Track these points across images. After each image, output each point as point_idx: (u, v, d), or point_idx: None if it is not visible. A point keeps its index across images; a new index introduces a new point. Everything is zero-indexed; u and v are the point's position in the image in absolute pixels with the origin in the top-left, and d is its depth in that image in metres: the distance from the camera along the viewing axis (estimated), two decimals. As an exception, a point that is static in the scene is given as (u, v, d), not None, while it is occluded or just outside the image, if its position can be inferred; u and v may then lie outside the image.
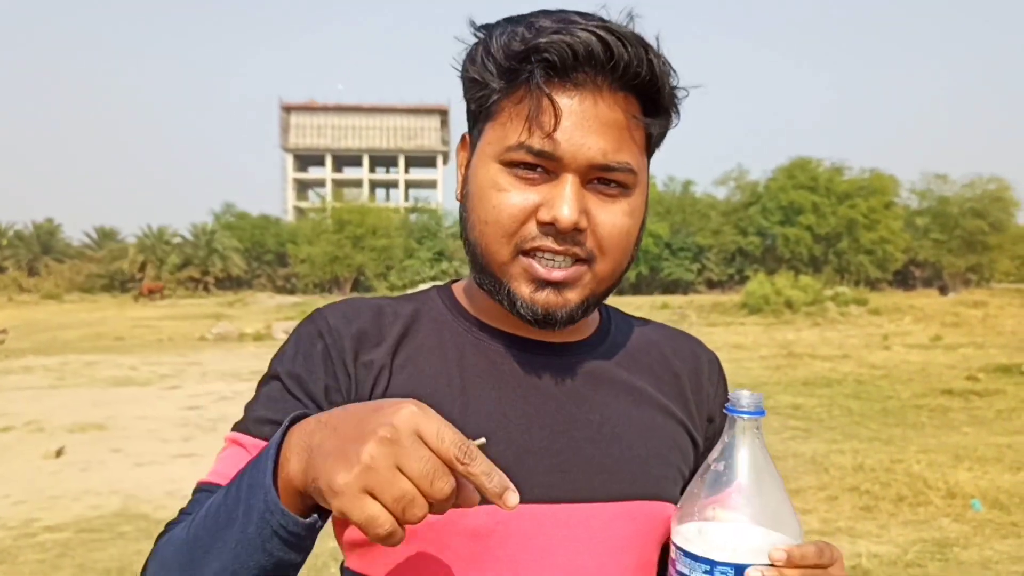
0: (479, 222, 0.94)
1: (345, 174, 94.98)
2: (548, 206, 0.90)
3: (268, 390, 0.97)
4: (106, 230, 73.23)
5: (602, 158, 0.89)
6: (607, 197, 0.93)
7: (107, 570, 5.15)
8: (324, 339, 0.97)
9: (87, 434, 9.52)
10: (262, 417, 0.94)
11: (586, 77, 0.88)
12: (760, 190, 56.65)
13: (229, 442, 0.95)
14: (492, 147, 0.93)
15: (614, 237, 0.93)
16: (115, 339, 22.77)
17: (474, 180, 0.95)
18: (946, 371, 14.39)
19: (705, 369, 1.13)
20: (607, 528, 0.95)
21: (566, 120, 0.88)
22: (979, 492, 6.52)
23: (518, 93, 0.90)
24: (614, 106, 0.90)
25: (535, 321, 0.94)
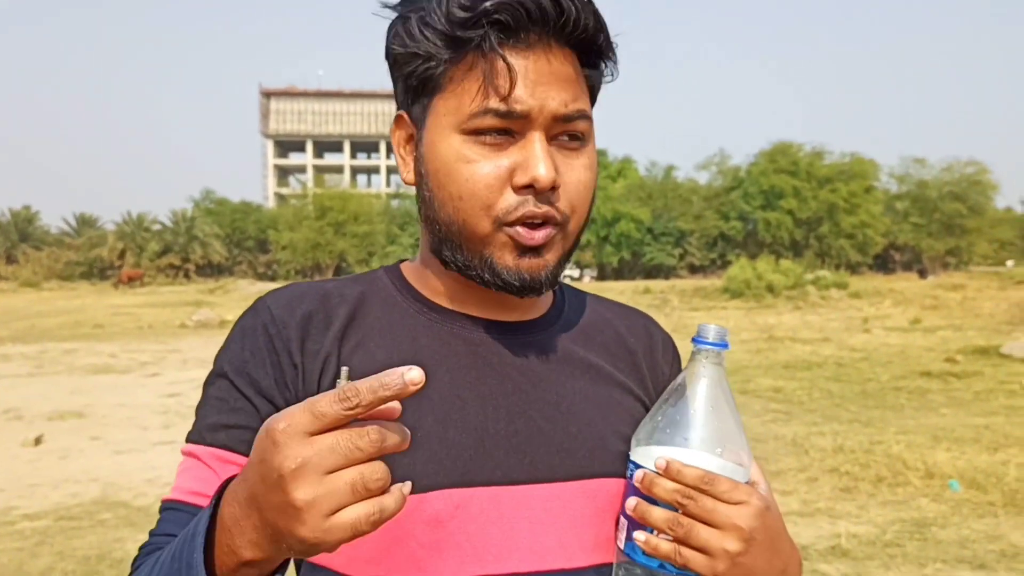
0: (451, 199, 0.90)
1: (326, 160, 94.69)
2: (523, 168, 0.87)
3: (216, 390, 0.93)
4: (85, 217, 72.71)
5: (564, 108, 0.88)
6: (570, 151, 0.91)
7: (86, 557, 5.12)
8: (268, 330, 0.93)
9: (66, 422, 9.45)
10: (215, 423, 0.91)
11: (537, 36, 0.87)
12: (742, 175, 56.91)
13: (185, 455, 0.92)
14: (450, 118, 0.89)
15: (581, 193, 0.92)
16: (94, 327, 22.62)
17: (435, 157, 0.91)
18: (925, 353, 14.52)
19: (659, 347, 1.12)
20: (567, 507, 0.93)
21: (525, 79, 0.86)
22: (957, 472, 6.58)
23: (467, 60, 0.87)
24: (564, 61, 0.89)
25: (522, 288, 0.92)
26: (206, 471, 0.89)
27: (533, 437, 0.94)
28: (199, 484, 0.88)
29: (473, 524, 0.89)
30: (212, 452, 0.89)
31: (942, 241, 55.06)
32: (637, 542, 0.84)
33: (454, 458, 0.90)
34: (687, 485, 0.82)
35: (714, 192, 57.70)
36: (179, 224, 62.15)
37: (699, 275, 54.70)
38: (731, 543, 0.81)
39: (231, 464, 0.88)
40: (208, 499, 0.85)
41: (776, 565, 0.85)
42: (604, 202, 54.74)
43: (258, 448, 0.66)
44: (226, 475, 0.85)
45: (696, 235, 57.10)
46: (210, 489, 0.87)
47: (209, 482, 0.88)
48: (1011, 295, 26.57)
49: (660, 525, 0.83)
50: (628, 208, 54.88)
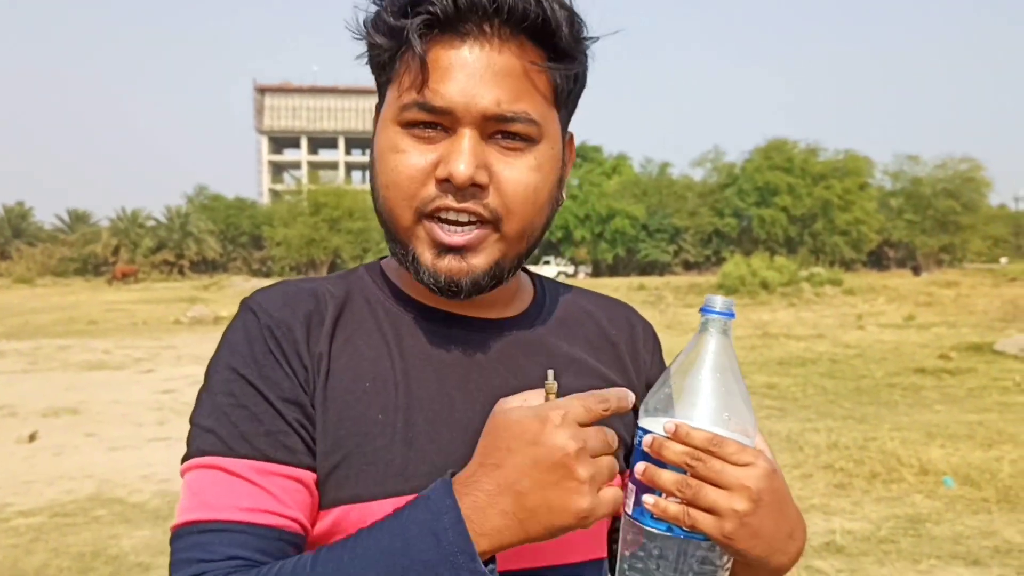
0: (381, 187, 0.91)
1: (321, 156, 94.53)
2: (444, 162, 0.86)
3: (234, 398, 0.88)
4: (79, 213, 72.55)
5: (496, 108, 0.86)
6: (510, 151, 0.88)
7: (81, 554, 5.11)
8: (274, 333, 0.90)
9: (60, 418, 9.43)
10: (245, 432, 0.86)
11: (472, 27, 0.85)
12: (736, 171, 56.92)
13: (210, 468, 0.85)
14: (389, 109, 0.90)
15: (519, 194, 0.89)
16: (88, 323, 22.56)
17: (376, 146, 0.92)
18: (919, 350, 14.55)
19: (640, 336, 1.13)
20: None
21: (458, 72, 0.85)
22: (951, 469, 6.60)
23: (408, 53, 0.87)
24: (506, 53, 0.87)
25: (439, 290, 0.91)
26: (249, 486, 0.84)
27: None
28: (247, 500, 0.83)
29: None
30: (248, 464, 0.85)
31: (936, 238, 55.16)
32: (646, 505, 0.84)
33: (446, 457, 0.90)
34: (695, 447, 0.82)
35: (709, 189, 57.74)
36: (173, 220, 62.02)
37: (694, 272, 54.77)
38: (739, 503, 0.81)
39: (273, 475, 0.85)
40: (269, 515, 0.83)
41: (783, 528, 0.85)
42: (599, 199, 54.78)
43: (527, 431, 0.76)
44: (271, 487, 0.84)
45: (691, 232, 57.14)
46: (266, 504, 0.83)
47: (257, 497, 0.84)
48: (1004, 292, 26.64)
49: (669, 487, 0.83)
50: (623, 205, 54.90)
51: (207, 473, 0.85)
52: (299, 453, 0.87)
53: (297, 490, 0.86)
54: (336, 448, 0.88)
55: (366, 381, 0.91)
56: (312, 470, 0.87)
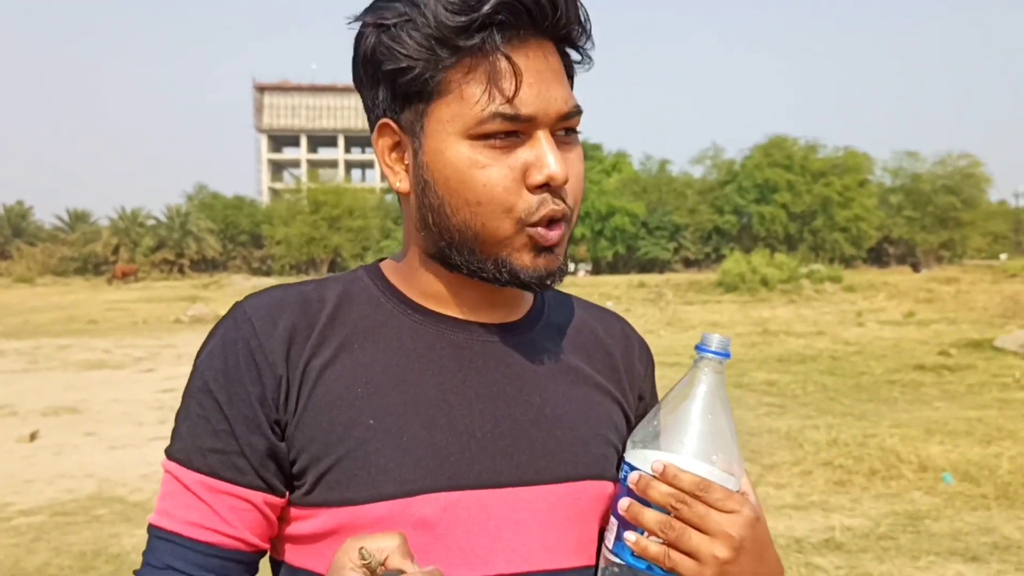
0: (467, 204, 0.89)
1: (320, 155, 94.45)
2: (537, 167, 0.88)
3: (198, 406, 0.92)
4: (78, 212, 72.53)
5: (566, 106, 0.90)
6: (567, 146, 0.92)
7: (82, 553, 5.12)
8: (249, 344, 0.90)
9: (61, 418, 9.45)
10: (199, 446, 0.90)
11: (531, 33, 0.88)
12: (736, 168, 56.88)
13: (169, 475, 0.92)
14: (454, 124, 0.88)
15: (579, 186, 0.94)
16: (88, 322, 22.59)
17: (443, 164, 0.89)
18: (919, 347, 14.57)
19: (636, 349, 1.13)
20: (552, 510, 0.95)
21: (528, 79, 0.87)
22: (950, 465, 6.61)
23: (464, 63, 0.86)
24: (554, 55, 0.91)
25: (538, 284, 0.93)
26: (196, 501, 0.89)
27: (519, 440, 0.95)
28: (193, 514, 0.89)
29: (460, 527, 0.90)
30: (199, 480, 0.89)
31: (936, 234, 55.13)
32: (627, 542, 0.85)
33: (441, 461, 0.90)
34: (682, 490, 0.83)
35: (708, 186, 57.66)
36: (173, 219, 61.99)
37: (693, 269, 54.71)
38: (720, 550, 0.82)
39: (219, 493, 0.89)
40: (209, 531, 0.89)
41: (762, 574, 0.87)
42: (599, 196, 54.72)
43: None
44: (216, 504, 0.89)
45: (690, 229, 57.08)
46: (208, 522, 0.89)
47: (202, 512, 0.89)
48: (1004, 288, 26.64)
49: (652, 527, 0.84)
50: (622, 202, 54.85)
51: (170, 480, 0.91)
52: (247, 474, 0.90)
53: (245, 509, 0.90)
54: (326, 453, 0.88)
55: (359, 387, 0.91)
56: (262, 491, 0.90)
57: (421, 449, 0.90)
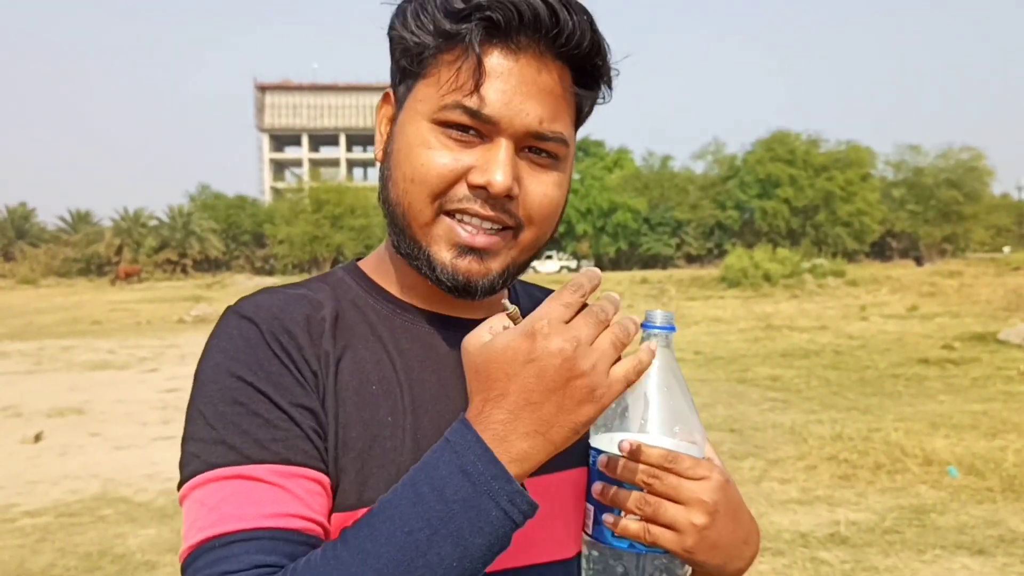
0: (403, 179, 0.90)
1: (322, 154, 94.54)
2: (481, 170, 0.86)
3: (241, 407, 0.83)
4: (81, 213, 72.64)
5: (538, 126, 0.87)
6: (538, 167, 0.90)
7: (88, 554, 5.13)
8: (279, 339, 0.86)
9: (65, 418, 9.46)
10: (261, 438, 0.81)
11: (528, 41, 0.86)
12: (738, 164, 56.84)
13: (230, 479, 0.80)
14: (424, 105, 0.89)
15: (544, 208, 0.91)
16: (92, 323, 22.61)
17: (401, 137, 0.91)
18: (922, 340, 14.55)
19: None
20: (555, 498, 0.95)
21: (505, 83, 0.85)
22: (955, 459, 6.59)
23: (455, 51, 0.86)
24: (553, 74, 0.88)
25: (454, 289, 0.90)
26: (271, 490, 0.80)
27: None
28: (271, 506, 0.79)
29: None
30: (269, 468, 0.80)
31: (939, 228, 55.10)
32: (606, 524, 0.87)
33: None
34: (651, 464, 0.84)
35: (710, 182, 57.66)
36: (176, 219, 62.07)
37: (696, 265, 54.71)
38: (697, 517, 0.84)
39: (295, 477, 0.81)
40: (295, 519, 0.79)
41: (739, 535, 0.88)
42: (600, 192, 54.73)
43: (519, 352, 0.77)
44: (296, 489, 0.80)
45: (693, 225, 57.07)
46: (289, 508, 0.79)
47: (283, 501, 0.79)
48: (1008, 281, 26.59)
49: (629, 506, 0.85)
50: (625, 198, 54.87)
51: (224, 485, 0.80)
52: (314, 458, 0.83)
53: (318, 492, 0.83)
54: (347, 450, 0.86)
55: (372, 384, 0.90)
56: (327, 475, 0.85)
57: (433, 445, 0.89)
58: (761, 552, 4.85)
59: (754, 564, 3.61)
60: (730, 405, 9.24)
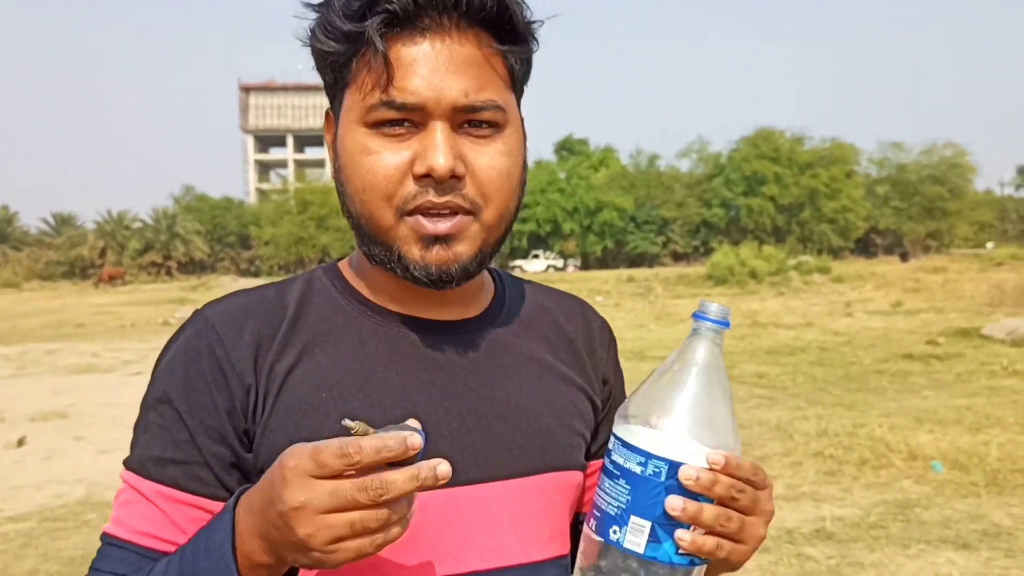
0: (356, 191, 0.89)
1: (307, 154, 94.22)
2: (421, 158, 0.86)
3: (159, 417, 0.90)
4: (64, 216, 72.25)
5: (465, 98, 0.86)
6: (480, 139, 0.89)
7: (71, 559, 5.09)
8: (215, 352, 0.90)
9: (49, 423, 9.39)
10: (158, 457, 0.89)
11: (431, 21, 0.86)
12: (723, 161, 57.06)
13: (127, 484, 0.90)
14: (353, 112, 0.89)
15: (495, 180, 0.89)
16: (76, 326, 22.48)
17: (343, 150, 0.91)
18: (907, 336, 14.63)
19: (596, 333, 1.12)
20: (522, 503, 0.94)
21: (421, 67, 0.85)
22: (939, 453, 6.63)
23: (367, 53, 0.86)
24: (466, 43, 0.87)
25: (430, 281, 0.90)
26: (153, 511, 0.87)
27: (485, 435, 0.94)
28: (148, 525, 0.87)
29: (431, 526, 0.89)
30: (157, 489, 0.88)
31: (923, 224, 55.47)
32: (680, 541, 0.78)
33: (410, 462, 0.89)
34: (741, 479, 0.79)
35: (696, 179, 57.86)
36: (160, 221, 61.82)
37: (682, 263, 54.88)
38: (763, 528, 0.82)
39: (179, 503, 0.87)
40: (162, 542, 0.87)
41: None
42: (587, 191, 54.82)
43: (271, 475, 0.73)
44: (174, 515, 0.87)
45: (679, 223, 57.25)
46: (163, 532, 0.87)
47: (158, 523, 0.87)
48: (991, 276, 26.79)
49: (710, 523, 0.78)
50: (611, 197, 54.98)
51: (126, 490, 0.90)
52: (210, 485, 0.88)
53: (199, 519, 0.87)
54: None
55: (323, 391, 0.90)
56: (224, 501, 0.87)
57: None
58: (747, 549, 4.88)
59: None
60: (716, 402, 9.25)
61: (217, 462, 0.88)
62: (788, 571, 4.54)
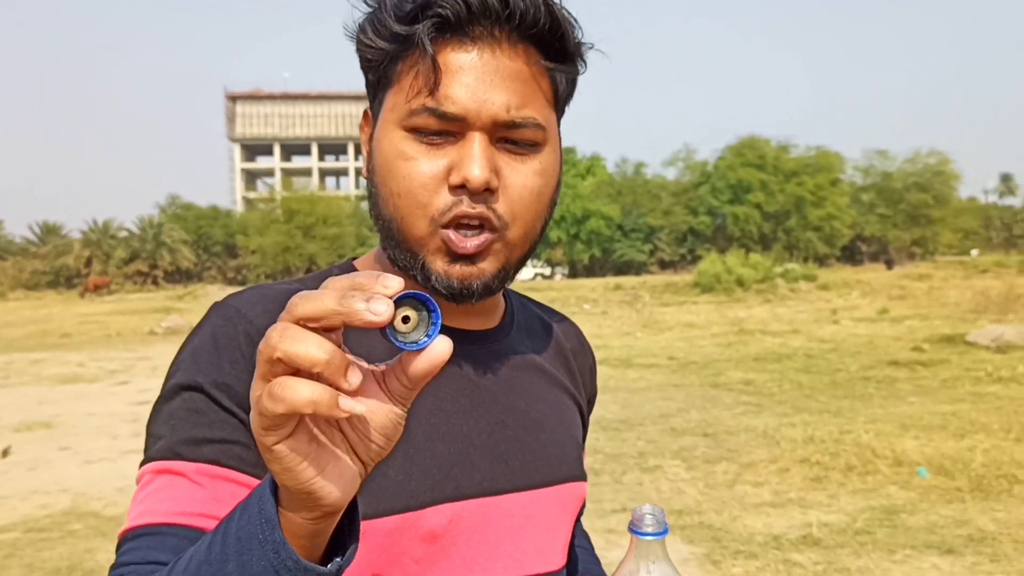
0: (391, 195, 0.88)
1: (294, 163, 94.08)
2: (458, 168, 0.85)
3: (187, 404, 0.83)
4: (50, 225, 71.75)
5: (506, 114, 0.85)
6: (516, 156, 0.88)
7: (56, 569, 5.06)
8: (253, 339, 0.85)
9: (34, 433, 9.32)
10: (194, 437, 0.81)
11: (483, 30, 0.85)
12: (709, 170, 57.29)
13: (156, 474, 0.80)
14: (393, 114, 0.88)
15: (525, 199, 0.89)
16: (61, 336, 22.34)
17: (379, 152, 0.90)
18: (893, 343, 14.69)
19: (589, 356, 1.16)
20: (543, 513, 0.96)
21: (466, 76, 0.84)
22: (925, 459, 6.66)
23: (414, 55, 0.86)
24: (515, 57, 0.86)
25: (451, 296, 0.89)
26: (194, 489, 0.79)
27: (512, 446, 0.95)
28: (188, 504, 0.78)
29: (463, 536, 0.90)
30: (198, 467, 0.80)
31: (908, 231, 55.79)
32: None
33: (446, 472, 0.89)
34: None
35: (682, 188, 58.05)
36: (146, 231, 61.53)
37: (669, 271, 55.01)
38: None
39: (224, 480, 0.80)
40: (204, 518, 0.77)
41: None
42: (574, 200, 54.88)
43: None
44: (219, 492, 0.79)
45: (666, 231, 57.39)
46: (205, 508, 0.77)
47: (200, 500, 0.78)
48: (976, 283, 26.92)
49: None
50: (598, 205, 55.08)
51: (154, 479, 0.81)
52: (251, 464, 0.81)
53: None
54: None
55: None
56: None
57: (427, 460, 0.89)
58: (734, 555, 4.89)
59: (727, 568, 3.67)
60: (704, 409, 9.28)
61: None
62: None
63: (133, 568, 0.74)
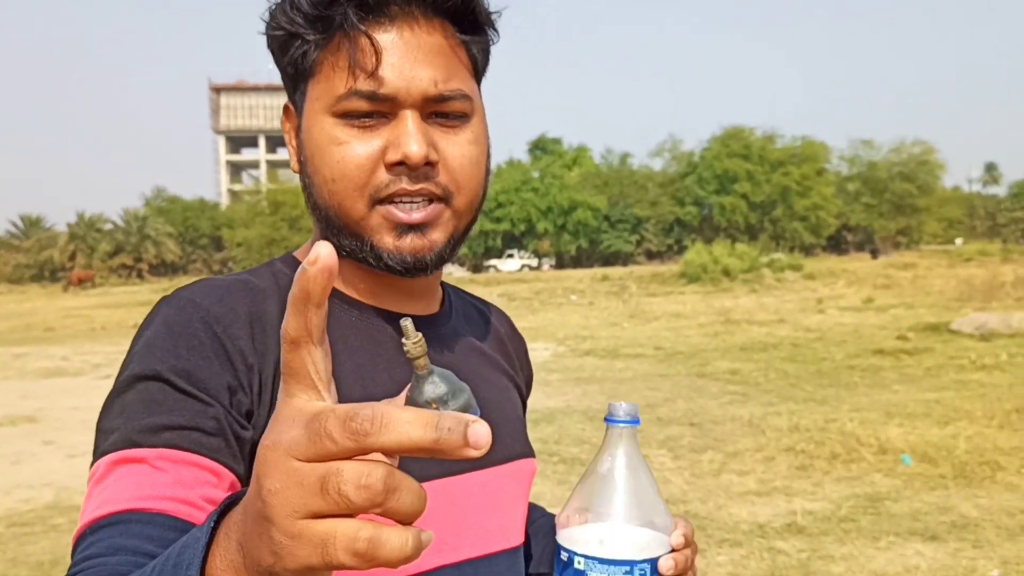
0: (325, 182, 0.88)
1: (280, 155, 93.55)
2: (395, 146, 0.85)
3: (143, 395, 0.78)
4: (32, 219, 71.28)
5: (435, 88, 0.86)
6: (449, 128, 0.89)
7: (39, 563, 5.03)
8: (212, 328, 0.82)
9: (17, 427, 9.28)
10: (155, 424, 0.75)
11: (398, 9, 0.86)
12: (695, 160, 57.41)
13: (112, 464, 0.74)
14: (321, 102, 0.88)
15: (466, 168, 0.90)
16: (45, 330, 22.23)
17: (310, 142, 0.90)
18: (878, 332, 14.77)
19: (523, 343, 1.20)
20: (502, 490, 0.98)
21: (390, 56, 0.85)
22: (909, 447, 6.70)
23: (334, 41, 0.86)
24: (432, 32, 0.88)
25: (405, 270, 0.89)
26: (154, 474, 0.73)
27: None
28: (148, 489, 0.72)
29: (430, 517, 0.88)
30: (159, 452, 0.74)
31: (893, 221, 56.11)
32: None
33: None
34: (692, 543, 0.91)
35: (669, 178, 58.17)
36: (131, 224, 61.25)
37: (656, 261, 55.10)
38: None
39: (189, 465, 0.74)
40: (168, 501, 0.71)
41: None
42: (560, 191, 54.91)
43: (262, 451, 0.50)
44: (183, 476, 0.74)
45: (652, 221, 57.52)
46: (167, 490, 0.72)
47: (162, 484, 0.72)
48: (960, 272, 27.12)
49: None
50: (584, 196, 55.13)
51: (109, 470, 0.75)
52: (212, 449, 0.76)
53: (208, 481, 0.75)
54: None
55: None
56: (231, 471, 0.77)
57: None
58: (719, 544, 4.91)
59: (712, 556, 3.68)
60: (690, 399, 9.31)
61: (215, 426, 0.77)
62: (759, 565, 4.57)
63: (98, 561, 0.67)
